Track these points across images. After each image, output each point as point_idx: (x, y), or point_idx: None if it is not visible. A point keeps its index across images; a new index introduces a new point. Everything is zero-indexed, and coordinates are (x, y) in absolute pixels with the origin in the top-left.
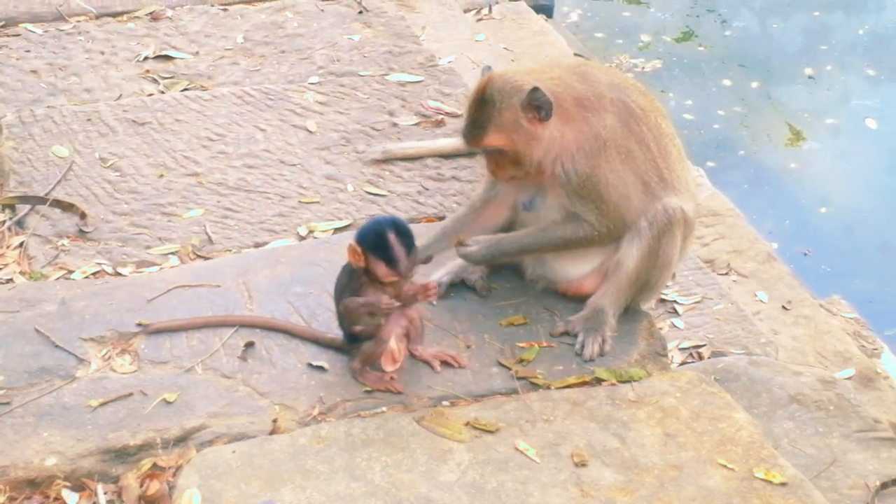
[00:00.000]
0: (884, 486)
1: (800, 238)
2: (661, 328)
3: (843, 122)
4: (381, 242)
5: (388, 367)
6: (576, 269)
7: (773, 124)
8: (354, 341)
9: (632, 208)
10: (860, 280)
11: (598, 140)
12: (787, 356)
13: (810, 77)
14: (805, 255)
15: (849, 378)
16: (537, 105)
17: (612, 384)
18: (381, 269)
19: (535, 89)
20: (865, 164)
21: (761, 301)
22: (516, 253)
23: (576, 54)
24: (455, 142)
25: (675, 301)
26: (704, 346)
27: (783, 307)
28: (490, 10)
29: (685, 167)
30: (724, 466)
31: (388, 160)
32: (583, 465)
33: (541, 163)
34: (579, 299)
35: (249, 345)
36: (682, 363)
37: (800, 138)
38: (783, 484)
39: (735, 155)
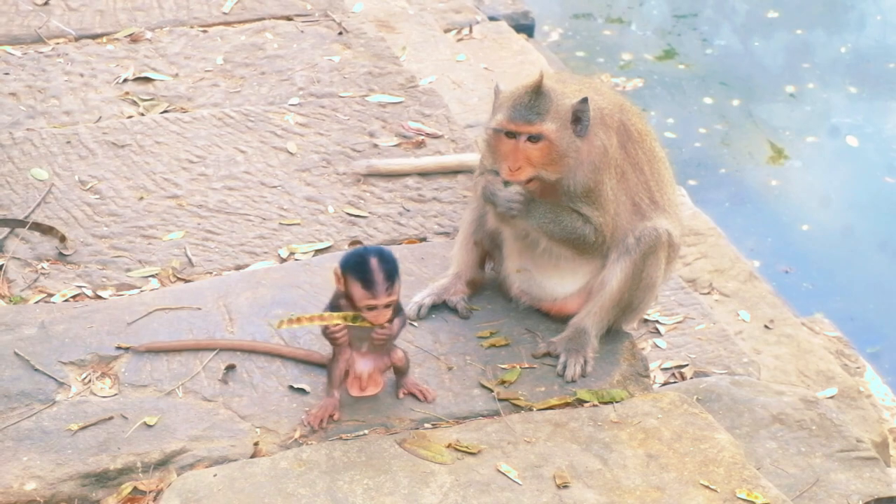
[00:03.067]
0: None
1: (781, 256)
2: (643, 348)
3: (824, 140)
4: (360, 265)
5: (354, 393)
6: (562, 288)
7: (755, 142)
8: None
9: (620, 226)
10: (842, 298)
11: (606, 156)
12: (769, 375)
13: (791, 95)
14: (786, 273)
15: (831, 397)
16: (579, 117)
17: (594, 405)
18: (357, 291)
19: (585, 100)
20: (846, 181)
21: (743, 320)
22: (538, 220)
23: (556, 72)
24: (439, 159)
25: (657, 321)
26: (687, 366)
27: (765, 326)
28: (470, 30)
29: (673, 190)
30: (707, 487)
31: (371, 175)
32: (565, 486)
33: (577, 173)
34: (562, 319)
35: (230, 367)
36: (665, 383)
37: (781, 156)
38: None
39: (716, 173)
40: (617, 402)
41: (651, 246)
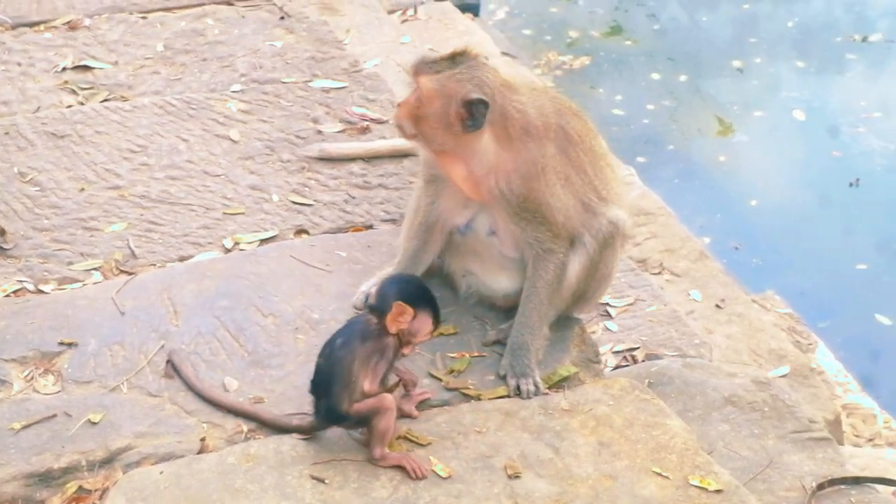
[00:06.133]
0: (820, 486)
1: (731, 232)
2: (594, 332)
3: (771, 115)
4: (429, 298)
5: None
6: (511, 286)
7: (702, 118)
8: (345, 421)
9: (576, 224)
10: (792, 273)
11: (535, 165)
12: (721, 355)
13: (739, 69)
14: (736, 249)
15: (784, 376)
16: (472, 112)
17: (545, 393)
18: (428, 325)
19: (482, 102)
20: (794, 155)
21: (694, 300)
22: (539, 323)
23: (503, 53)
24: (391, 143)
25: (607, 304)
26: (638, 348)
27: (717, 306)
28: (415, 11)
29: (619, 182)
30: (659, 475)
31: (323, 159)
32: (516, 476)
33: (443, 156)
34: (512, 309)
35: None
36: (617, 367)
37: (729, 131)
38: (718, 491)
39: (665, 150)
40: (565, 378)
41: (608, 238)
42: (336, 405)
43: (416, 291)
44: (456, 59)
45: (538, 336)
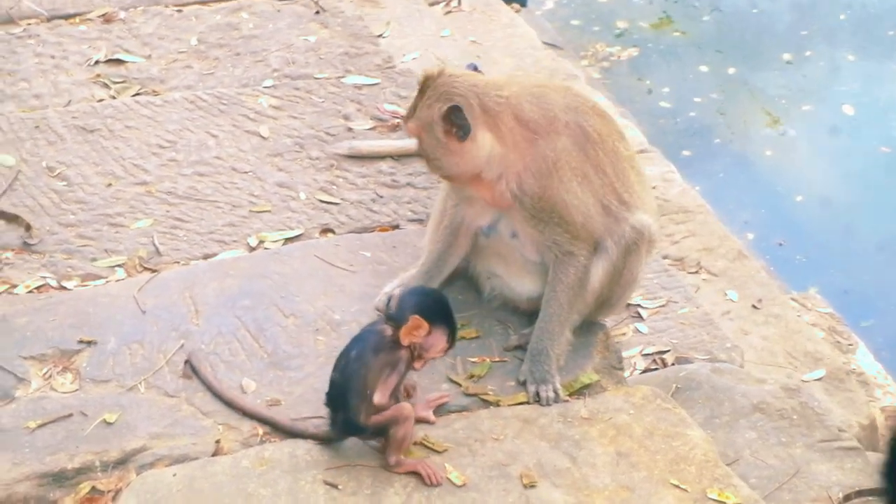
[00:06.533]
0: (847, 497)
1: (775, 228)
2: (623, 333)
3: (820, 109)
4: (448, 315)
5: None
6: (535, 287)
7: (750, 111)
8: (363, 433)
9: (597, 227)
10: (836, 271)
11: (545, 161)
12: (756, 357)
13: (788, 62)
14: (780, 245)
15: (819, 379)
16: (456, 123)
17: (565, 400)
18: (443, 341)
19: (455, 108)
20: (842, 150)
21: (731, 300)
22: (559, 328)
23: (546, 43)
24: None
25: (639, 305)
26: (668, 351)
27: (753, 306)
28: (459, 3)
29: (644, 187)
30: (677, 487)
31: (353, 156)
32: (532, 486)
33: (462, 176)
34: (536, 313)
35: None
36: (646, 370)
37: (776, 125)
38: None
39: (711, 143)
40: (586, 386)
41: (631, 244)
42: (353, 418)
43: (434, 306)
44: (422, 89)
45: (558, 342)
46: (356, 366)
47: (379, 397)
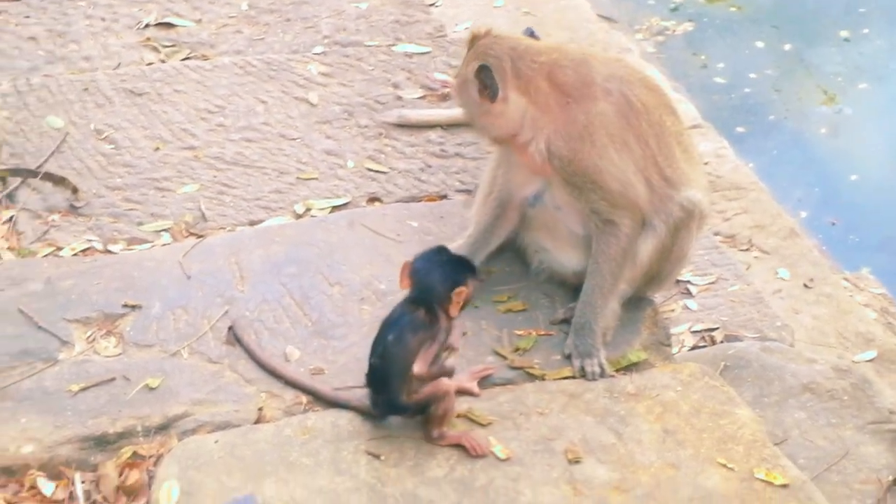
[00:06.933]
0: None
1: (829, 207)
2: (672, 310)
3: (876, 87)
4: (463, 264)
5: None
6: (582, 261)
7: (806, 88)
8: (405, 412)
9: (639, 198)
10: (888, 252)
11: (576, 125)
12: (806, 337)
13: (846, 39)
14: (833, 224)
15: (870, 361)
16: (486, 83)
17: (612, 376)
18: (472, 285)
19: (484, 68)
20: None
21: (782, 279)
22: (602, 301)
23: (601, 16)
24: None
25: (688, 282)
26: (717, 328)
27: (805, 285)
28: None
29: (693, 163)
30: (724, 466)
31: (402, 125)
32: (577, 461)
33: (498, 137)
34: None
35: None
36: (694, 347)
37: (832, 102)
38: (784, 485)
39: (765, 120)
40: (634, 363)
41: (680, 221)
42: (395, 399)
43: (456, 267)
44: (469, 48)
45: (602, 315)
46: (395, 349)
47: (419, 367)
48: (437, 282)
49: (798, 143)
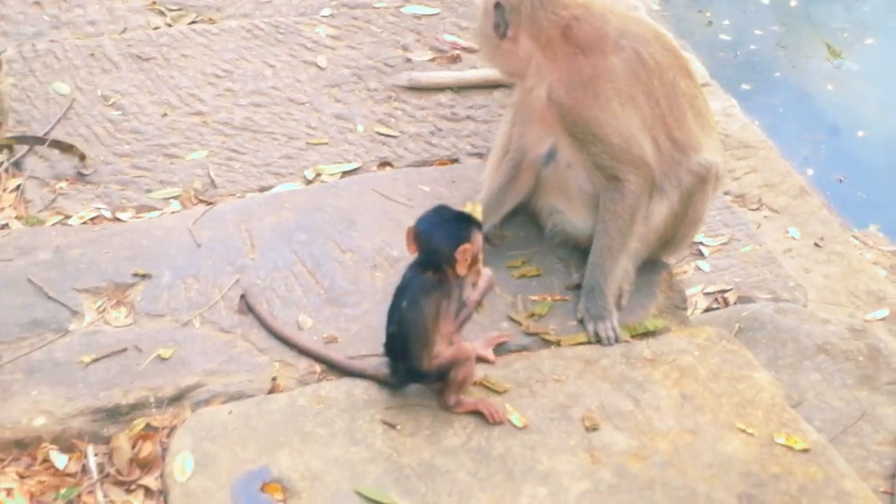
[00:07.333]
0: None
1: (836, 164)
2: (685, 272)
3: (883, 42)
4: (466, 220)
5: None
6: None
7: (811, 44)
8: (426, 378)
9: (647, 154)
10: None
11: (580, 75)
12: (818, 296)
13: None
14: (840, 181)
15: (882, 319)
16: (496, 20)
17: (627, 341)
18: (479, 239)
19: (497, 5)
20: None
21: (793, 238)
22: (611, 262)
23: None
24: (482, 73)
25: (700, 243)
26: (731, 290)
27: (815, 244)
28: None
29: (706, 126)
30: (744, 431)
31: (413, 88)
32: (594, 429)
33: (504, 73)
34: None
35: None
36: (707, 309)
37: (838, 58)
38: (805, 450)
39: (771, 77)
40: (651, 332)
41: (694, 183)
42: (417, 365)
43: (458, 226)
44: None
45: (612, 275)
46: (411, 315)
47: (445, 327)
48: (441, 242)
49: (804, 100)
